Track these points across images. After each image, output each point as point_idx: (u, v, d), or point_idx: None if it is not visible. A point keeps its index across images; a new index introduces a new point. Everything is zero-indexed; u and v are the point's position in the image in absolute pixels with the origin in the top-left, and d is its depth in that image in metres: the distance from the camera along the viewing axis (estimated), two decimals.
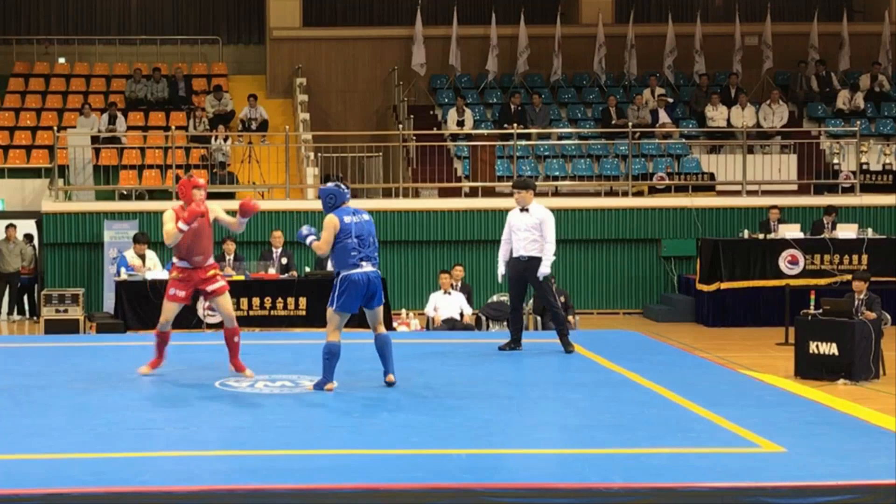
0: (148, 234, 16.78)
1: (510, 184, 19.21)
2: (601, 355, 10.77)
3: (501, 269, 11.15)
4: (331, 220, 9.09)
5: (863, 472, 6.40)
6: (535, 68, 23.59)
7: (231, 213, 10.19)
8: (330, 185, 9.39)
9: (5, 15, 25.22)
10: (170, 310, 9.73)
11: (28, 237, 19.15)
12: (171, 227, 9.60)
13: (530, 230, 10.78)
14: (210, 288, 9.72)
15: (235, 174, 20.09)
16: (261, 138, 20.80)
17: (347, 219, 9.04)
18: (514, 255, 10.89)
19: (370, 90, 24.11)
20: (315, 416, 8.08)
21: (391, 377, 9.16)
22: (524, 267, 10.84)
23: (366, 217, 9.15)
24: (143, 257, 15.75)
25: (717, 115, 21.91)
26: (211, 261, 9.88)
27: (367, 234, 9.05)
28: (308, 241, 9.31)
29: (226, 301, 9.83)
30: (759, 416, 7.98)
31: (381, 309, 9.32)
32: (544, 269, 10.79)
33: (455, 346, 11.89)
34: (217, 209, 10.08)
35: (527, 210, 10.83)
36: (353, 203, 9.68)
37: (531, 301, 15.42)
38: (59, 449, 6.99)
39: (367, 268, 9.02)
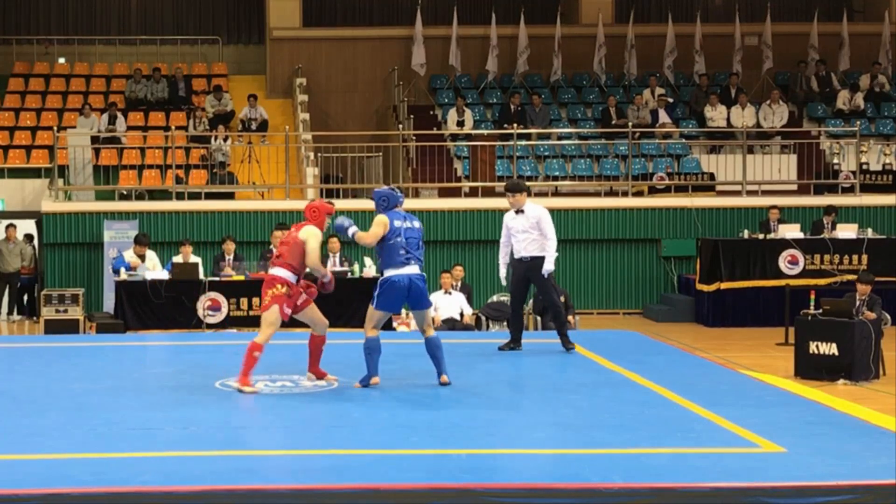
0: (149, 236, 16.78)
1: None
2: (601, 355, 10.77)
3: (503, 272, 11.16)
4: (381, 219, 9.21)
5: (863, 472, 6.40)
6: (535, 68, 23.59)
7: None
8: (385, 188, 9.51)
9: (5, 15, 25.23)
10: (277, 324, 9.19)
11: (28, 237, 19.15)
12: (317, 257, 9.26)
13: (528, 231, 10.77)
14: (300, 302, 9.38)
15: (235, 174, 20.09)
16: (261, 138, 20.80)
17: (398, 223, 9.18)
18: (515, 256, 10.87)
19: (370, 90, 24.11)
20: (315, 416, 8.08)
21: (444, 378, 9.23)
22: (526, 267, 10.82)
23: (416, 224, 9.31)
24: (142, 257, 15.75)
25: (716, 115, 21.91)
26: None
27: (415, 239, 9.23)
28: (350, 231, 9.25)
29: (315, 309, 9.58)
30: (759, 416, 7.98)
31: (428, 312, 9.40)
32: (548, 266, 10.75)
33: (455, 346, 11.88)
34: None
35: (522, 211, 10.82)
36: (352, 203, 9.71)
37: (531, 301, 15.43)
38: (59, 449, 6.99)
39: (410, 270, 9.15)
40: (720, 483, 6.18)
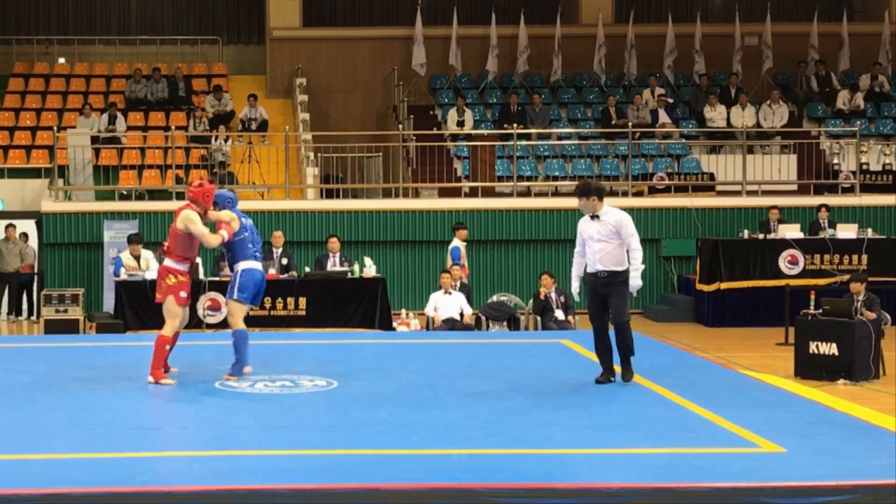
0: (142, 235, 16.70)
1: (510, 184, 19.32)
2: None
3: (576, 287, 9.69)
4: (230, 214, 9.97)
5: (863, 472, 6.41)
6: (535, 68, 23.59)
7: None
8: (226, 191, 10.16)
9: (5, 15, 25.23)
10: (181, 313, 9.84)
11: (24, 236, 19.09)
12: (215, 237, 9.74)
13: (606, 239, 9.37)
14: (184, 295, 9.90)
15: (235, 174, 20.09)
16: (261, 138, 20.80)
17: (244, 219, 9.88)
18: (590, 270, 9.48)
19: (370, 90, 24.10)
20: (315, 416, 8.08)
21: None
22: (603, 283, 9.36)
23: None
24: (137, 258, 15.70)
25: (715, 115, 21.91)
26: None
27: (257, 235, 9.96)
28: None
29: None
30: (759, 416, 7.98)
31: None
32: (635, 282, 9.33)
33: (455, 346, 11.90)
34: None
35: (597, 217, 9.46)
36: (352, 203, 9.85)
37: (531, 302, 15.43)
38: (59, 449, 7.00)
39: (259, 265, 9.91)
40: (720, 483, 6.18)
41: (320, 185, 19.90)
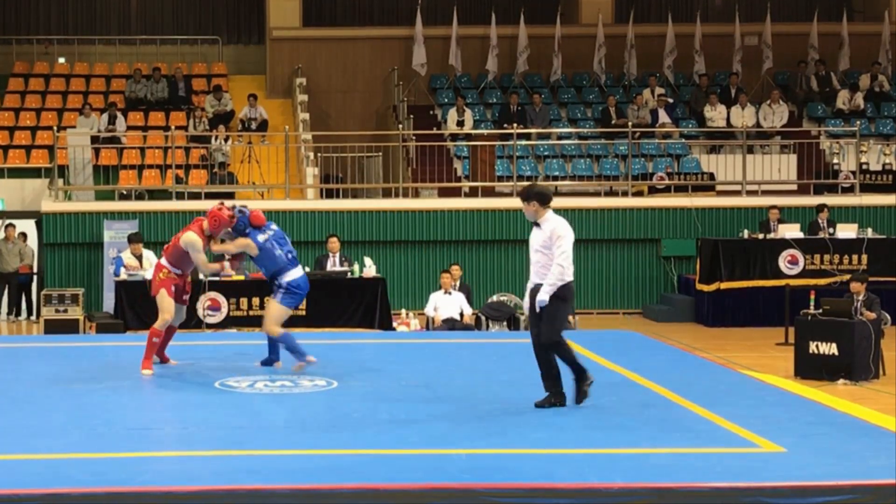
0: (142, 234, 16.68)
1: (510, 184, 19.32)
2: (601, 355, 10.76)
3: (525, 302, 8.80)
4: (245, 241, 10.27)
5: (863, 472, 6.41)
6: (534, 68, 23.59)
7: None
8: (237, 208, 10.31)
9: (5, 15, 25.23)
10: (172, 307, 10.29)
11: (23, 236, 19.07)
12: (211, 267, 10.52)
13: (541, 250, 8.52)
14: (185, 297, 10.55)
15: (235, 174, 20.08)
16: (261, 138, 20.80)
17: (261, 237, 10.22)
18: (529, 282, 8.68)
19: (370, 90, 24.10)
20: (315, 416, 8.07)
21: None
22: (534, 298, 8.48)
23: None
24: (139, 257, 15.71)
25: (715, 115, 21.90)
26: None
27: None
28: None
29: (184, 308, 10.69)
30: (759, 416, 7.98)
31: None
32: (541, 296, 8.34)
33: (455, 346, 11.90)
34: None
35: (538, 225, 8.57)
36: (352, 203, 9.88)
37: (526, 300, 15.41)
38: (59, 449, 6.99)
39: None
40: (720, 483, 6.18)
41: (320, 185, 19.89)
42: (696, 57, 23.35)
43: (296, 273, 10.08)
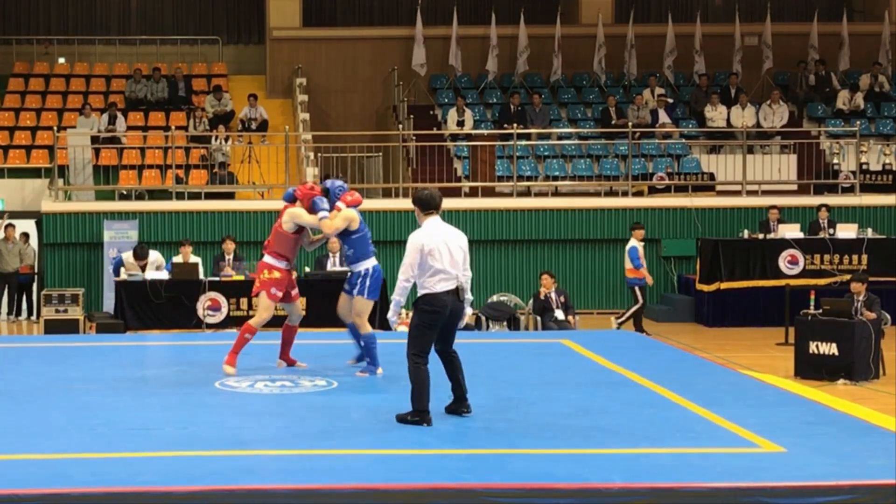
0: (147, 248, 16.44)
1: (510, 184, 19.32)
2: (601, 355, 10.77)
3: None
4: (349, 214, 9.93)
5: (863, 472, 6.41)
6: (535, 68, 23.59)
7: None
8: (338, 181, 10.10)
9: (5, 15, 25.22)
10: (271, 308, 9.99)
11: (24, 236, 19.07)
12: (331, 222, 9.83)
13: None
14: (294, 292, 10.19)
15: (235, 174, 20.09)
16: (261, 138, 20.80)
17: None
18: None
19: (370, 90, 24.10)
20: (315, 416, 8.07)
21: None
22: None
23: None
24: (143, 267, 15.62)
25: (716, 115, 21.90)
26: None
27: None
28: (320, 214, 9.93)
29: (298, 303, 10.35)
30: (759, 416, 7.98)
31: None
32: (390, 312, 8.41)
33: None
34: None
35: None
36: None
37: (531, 301, 15.43)
38: (59, 449, 7.00)
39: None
40: (720, 483, 6.18)
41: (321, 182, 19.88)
42: (696, 57, 23.34)
43: (375, 261, 9.93)
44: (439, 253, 7.96)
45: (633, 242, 16.32)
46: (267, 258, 9.97)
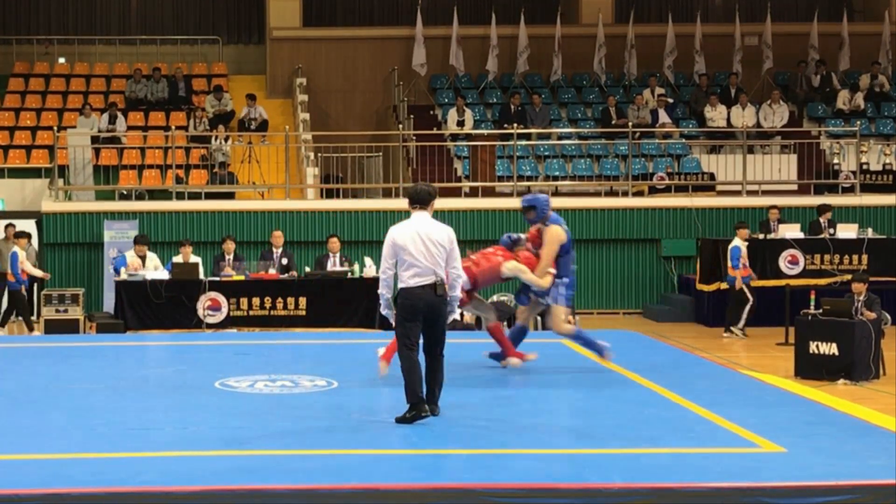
0: (147, 236, 16.77)
1: (510, 184, 19.32)
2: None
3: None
4: (557, 233, 10.01)
5: (863, 472, 6.41)
6: (535, 68, 23.59)
7: None
8: (541, 194, 10.14)
9: (5, 15, 25.23)
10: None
11: (27, 236, 19.02)
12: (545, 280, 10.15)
13: None
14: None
15: (235, 174, 20.09)
16: (261, 138, 20.80)
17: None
18: None
19: (370, 90, 24.10)
20: (315, 416, 8.07)
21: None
22: None
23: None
24: (143, 258, 15.76)
25: (715, 115, 21.89)
26: None
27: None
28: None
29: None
30: (759, 416, 7.98)
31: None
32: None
33: (455, 346, 11.87)
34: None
35: None
36: (352, 203, 9.79)
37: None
38: (59, 449, 7.00)
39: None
40: (720, 483, 6.18)
41: (320, 185, 19.89)
42: (696, 57, 23.34)
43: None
44: (413, 247, 8.00)
45: (736, 242, 16.25)
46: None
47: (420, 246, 8.00)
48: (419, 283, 7.92)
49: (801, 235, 17.47)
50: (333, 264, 15.91)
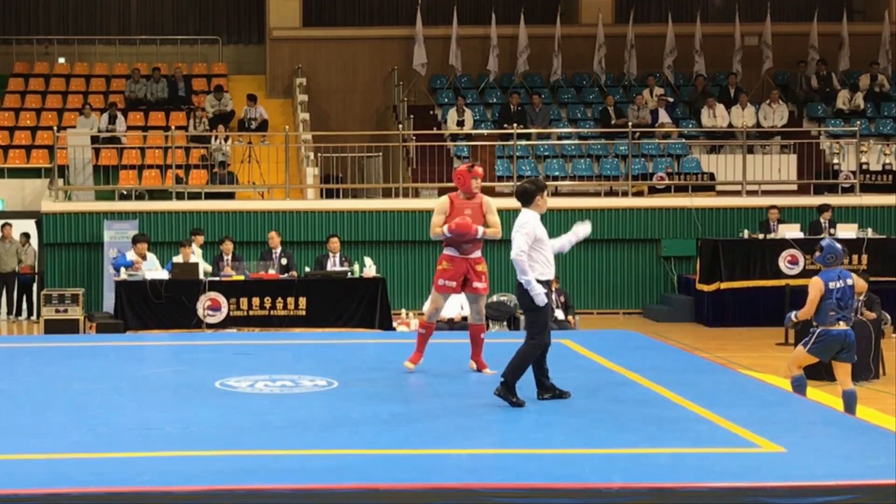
0: (148, 235, 16.80)
1: (510, 184, 19.31)
2: (601, 355, 10.76)
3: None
4: (816, 282, 9.52)
5: (863, 472, 6.40)
6: (535, 68, 23.59)
7: None
8: (837, 245, 9.70)
9: (5, 15, 25.23)
10: (439, 300, 9.69)
11: (25, 236, 19.07)
12: (437, 220, 9.58)
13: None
14: (476, 284, 9.68)
15: (235, 174, 20.09)
16: (261, 138, 20.81)
17: (832, 283, 9.44)
18: (550, 277, 8.56)
19: (370, 90, 24.11)
20: (315, 416, 8.07)
21: None
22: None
23: (849, 282, 9.56)
24: (143, 257, 15.75)
25: (714, 122, 21.81)
26: (478, 253, 9.70)
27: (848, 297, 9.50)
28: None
29: (482, 301, 9.80)
30: (759, 416, 7.97)
31: (848, 366, 9.66)
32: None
33: (455, 347, 11.88)
34: (491, 204, 9.67)
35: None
36: (352, 203, 9.76)
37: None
38: (59, 449, 6.99)
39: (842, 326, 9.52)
40: (720, 483, 6.18)
41: (320, 185, 19.90)
42: (696, 57, 23.35)
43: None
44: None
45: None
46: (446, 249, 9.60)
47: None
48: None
49: (800, 235, 17.48)
50: (333, 264, 15.91)
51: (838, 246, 9.59)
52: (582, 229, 8.73)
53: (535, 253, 8.30)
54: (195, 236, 16.61)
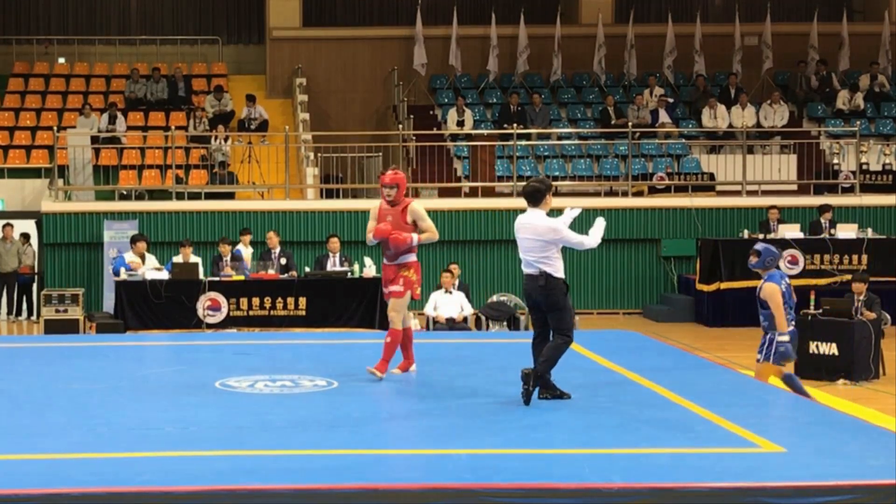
0: (147, 235, 16.80)
1: (510, 184, 19.32)
2: (601, 355, 10.77)
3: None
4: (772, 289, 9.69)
5: (863, 472, 6.40)
6: (535, 68, 23.59)
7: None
8: (770, 246, 9.93)
9: (5, 15, 25.23)
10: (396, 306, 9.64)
11: (25, 236, 19.07)
12: (368, 227, 9.85)
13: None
14: (387, 289, 9.73)
15: (235, 174, 20.09)
16: (261, 138, 20.80)
17: (783, 286, 9.75)
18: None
19: (370, 90, 24.11)
20: (315, 416, 8.07)
21: None
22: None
23: (789, 281, 9.84)
24: (142, 257, 15.76)
25: (715, 122, 21.81)
26: (410, 258, 9.76)
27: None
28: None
29: (393, 305, 9.66)
30: (759, 416, 7.98)
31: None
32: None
33: (455, 346, 11.89)
34: (418, 209, 9.93)
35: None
36: (352, 203, 9.77)
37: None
38: (59, 449, 6.99)
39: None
40: (720, 483, 6.18)
41: (320, 185, 19.90)
42: (696, 57, 23.35)
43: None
44: (518, 242, 8.69)
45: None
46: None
47: (520, 240, 8.66)
48: (525, 272, 8.65)
49: (800, 235, 17.48)
50: (333, 264, 15.91)
51: (774, 248, 9.66)
52: (600, 221, 9.03)
53: (554, 249, 8.59)
54: (243, 236, 16.77)
